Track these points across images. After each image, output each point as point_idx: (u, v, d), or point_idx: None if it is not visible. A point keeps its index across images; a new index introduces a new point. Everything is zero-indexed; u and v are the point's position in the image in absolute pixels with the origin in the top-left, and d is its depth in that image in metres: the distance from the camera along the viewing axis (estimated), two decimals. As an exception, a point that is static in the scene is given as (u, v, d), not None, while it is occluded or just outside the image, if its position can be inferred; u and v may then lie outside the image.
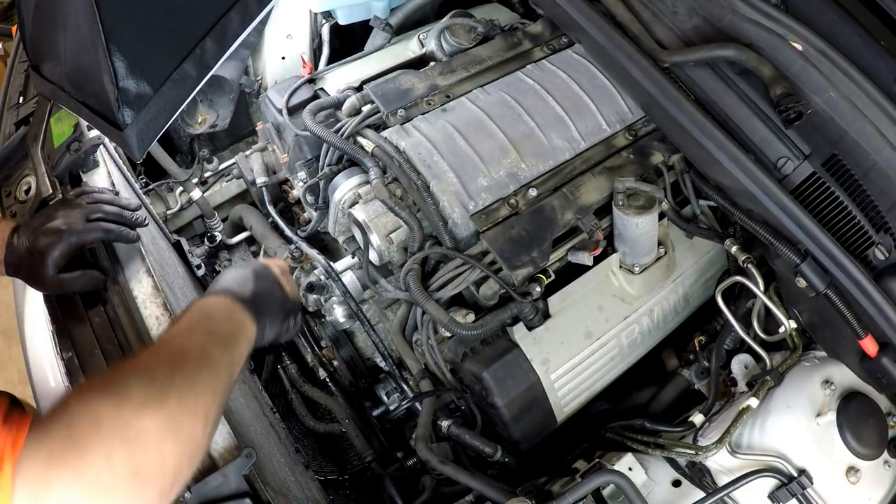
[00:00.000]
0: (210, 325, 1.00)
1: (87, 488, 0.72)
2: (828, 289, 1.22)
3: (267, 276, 1.18)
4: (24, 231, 1.25)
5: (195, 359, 0.91)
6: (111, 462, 0.74)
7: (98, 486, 0.73)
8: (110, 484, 0.74)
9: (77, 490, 0.72)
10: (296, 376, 1.72)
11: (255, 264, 1.20)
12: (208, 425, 0.87)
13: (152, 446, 0.77)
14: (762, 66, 1.29)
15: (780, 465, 1.24)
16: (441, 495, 1.43)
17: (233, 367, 0.97)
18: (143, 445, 0.76)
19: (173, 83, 1.24)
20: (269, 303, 1.14)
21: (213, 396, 0.89)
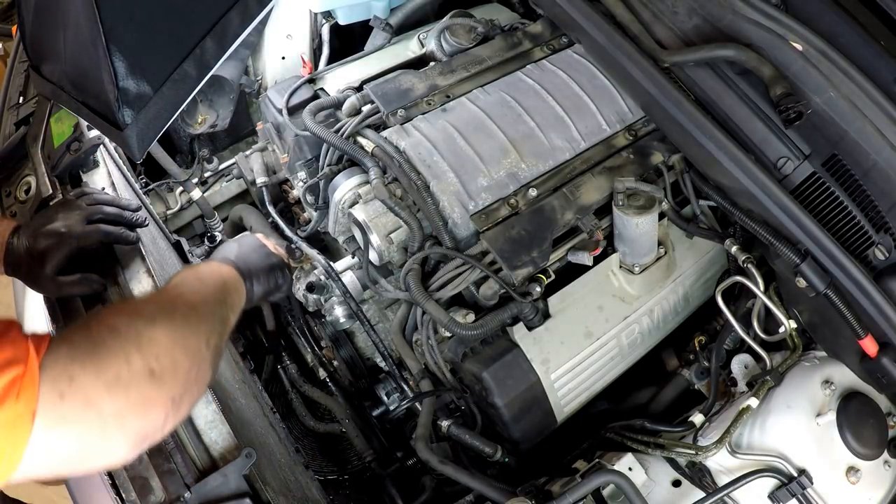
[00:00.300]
0: (201, 275, 1.09)
1: (108, 384, 0.79)
2: (828, 289, 1.22)
3: (248, 239, 1.29)
4: (24, 232, 1.25)
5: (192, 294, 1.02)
6: (129, 362, 0.81)
7: (118, 383, 0.80)
8: (129, 381, 0.81)
9: (100, 384, 0.78)
10: (296, 376, 1.73)
11: (238, 236, 1.32)
12: (209, 350, 0.94)
13: (164, 353, 0.85)
14: (762, 66, 1.29)
15: (780, 465, 1.24)
16: (441, 495, 1.43)
17: (227, 312, 1.06)
18: (155, 350, 0.84)
19: (173, 83, 1.24)
20: (252, 259, 1.23)
21: (212, 325, 0.98)
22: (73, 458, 0.79)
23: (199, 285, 1.05)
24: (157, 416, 0.84)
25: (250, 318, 1.83)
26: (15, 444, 0.72)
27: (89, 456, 0.80)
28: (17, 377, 0.72)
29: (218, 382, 1.27)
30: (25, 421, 0.72)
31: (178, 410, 0.88)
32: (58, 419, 0.75)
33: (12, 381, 0.71)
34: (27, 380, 0.73)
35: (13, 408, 0.71)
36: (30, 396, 0.73)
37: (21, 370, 0.73)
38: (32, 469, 0.75)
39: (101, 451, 0.81)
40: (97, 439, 0.79)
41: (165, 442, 1.11)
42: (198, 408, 1.19)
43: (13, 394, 0.71)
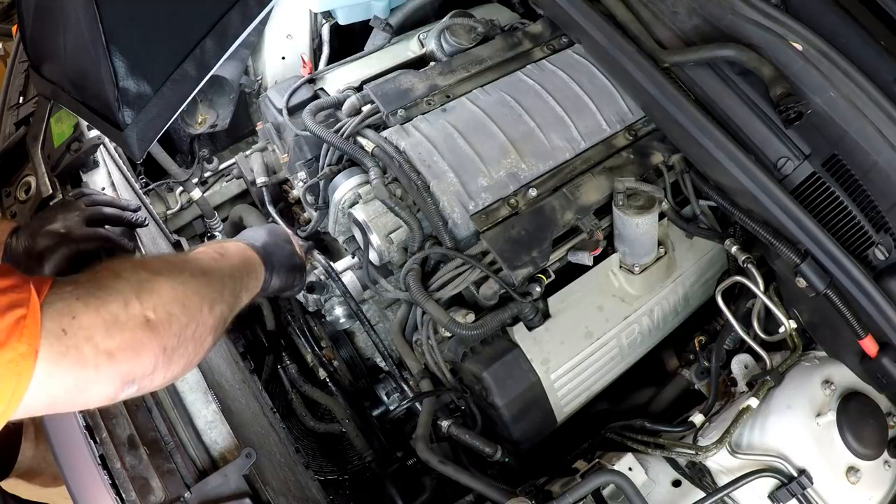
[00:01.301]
0: (225, 250, 1.13)
1: (106, 323, 0.83)
2: (828, 289, 1.22)
3: (279, 232, 1.34)
4: (24, 233, 1.25)
5: (207, 261, 1.06)
6: (127, 305, 0.86)
7: (115, 324, 0.84)
8: (125, 323, 0.85)
9: (99, 322, 0.83)
10: (296, 376, 1.72)
11: (270, 225, 1.36)
12: (212, 314, 0.98)
13: (161, 305, 0.90)
14: (762, 66, 1.29)
15: (780, 465, 1.24)
16: (441, 495, 1.43)
17: (240, 288, 1.10)
18: (154, 300, 0.89)
19: (173, 83, 1.24)
20: (278, 253, 1.27)
21: (219, 293, 1.01)
22: (68, 392, 0.82)
23: (217, 256, 1.09)
24: (146, 362, 0.88)
25: (250, 318, 1.83)
26: (19, 381, 0.75)
27: (81, 390, 0.84)
28: (20, 317, 0.75)
29: (218, 383, 1.28)
30: (28, 360, 0.76)
31: (169, 362, 0.91)
32: (59, 353, 0.79)
33: (16, 322, 0.75)
34: (30, 320, 0.76)
35: (16, 347, 0.74)
36: (32, 336, 0.76)
37: (24, 311, 0.76)
38: (31, 406, 0.79)
39: (91, 387, 0.84)
40: (91, 374, 0.83)
41: (165, 442, 1.12)
42: (198, 408, 1.19)
43: (16, 334, 0.74)
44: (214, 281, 1.02)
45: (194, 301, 0.95)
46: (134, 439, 1.11)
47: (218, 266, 1.07)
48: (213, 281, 1.02)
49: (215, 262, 1.08)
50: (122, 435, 1.12)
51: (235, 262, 1.13)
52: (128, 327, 0.85)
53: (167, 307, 0.90)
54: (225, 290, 1.03)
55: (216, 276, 1.03)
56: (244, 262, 1.16)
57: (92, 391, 0.85)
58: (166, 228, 1.81)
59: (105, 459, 1.11)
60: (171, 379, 0.95)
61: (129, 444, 1.11)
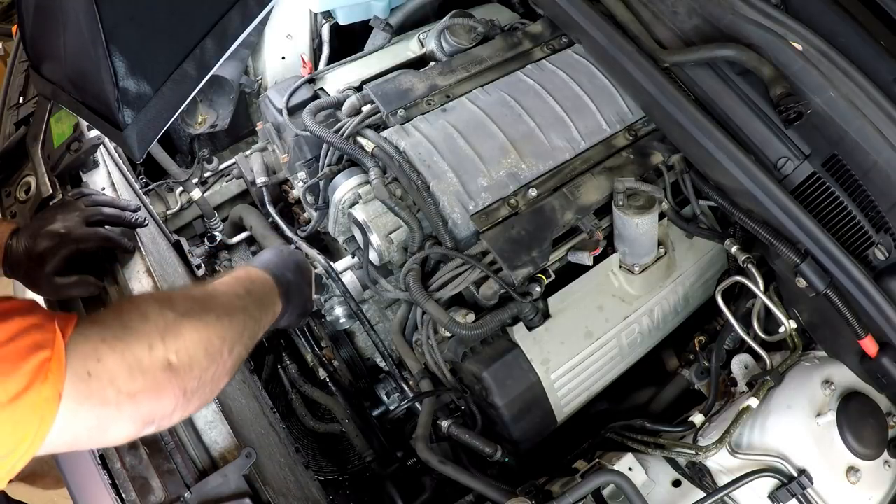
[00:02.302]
0: (251, 286, 1.14)
1: (130, 367, 0.84)
2: (828, 289, 1.22)
3: (304, 270, 1.35)
4: (24, 233, 1.25)
5: (232, 300, 1.07)
6: (151, 350, 0.87)
7: (138, 368, 0.85)
8: (148, 367, 0.86)
9: (124, 366, 0.84)
10: (296, 376, 1.72)
11: (299, 257, 1.36)
12: (231, 356, 0.99)
13: (185, 349, 0.91)
14: (762, 66, 1.29)
15: (780, 465, 1.24)
16: (441, 495, 1.43)
17: (258, 329, 1.10)
18: (178, 344, 0.90)
19: (173, 83, 1.24)
20: (298, 295, 1.29)
21: (240, 335, 1.02)
22: (90, 432, 0.83)
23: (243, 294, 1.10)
24: (167, 404, 0.89)
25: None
26: (41, 424, 0.75)
27: (103, 430, 0.85)
28: (45, 360, 0.75)
29: (218, 383, 1.27)
30: (52, 403, 0.76)
31: (187, 403, 0.92)
32: (84, 396, 0.80)
33: (41, 365, 0.75)
34: (54, 363, 0.76)
35: (41, 391, 0.74)
36: (57, 379, 0.76)
37: (49, 353, 0.76)
38: (53, 445, 0.79)
39: (113, 427, 0.85)
40: (113, 415, 0.84)
41: (165, 442, 1.12)
42: (198, 407, 1.19)
43: (41, 377, 0.74)
44: (237, 323, 1.03)
45: (216, 345, 0.96)
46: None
47: (242, 306, 1.07)
48: (236, 323, 1.03)
49: (240, 300, 1.08)
50: (122, 435, 1.12)
51: (258, 300, 1.13)
52: (150, 371, 0.86)
53: (190, 351, 0.91)
54: (245, 332, 1.05)
55: (239, 319, 1.04)
56: (266, 302, 1.17)
57: (113, 431, 0.86)
58: (166, 228, 1.82)
59: (105, 459, 1.11)
60: (187, 416, 0.97)
61: (128, 444, 1.11)
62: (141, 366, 0.85)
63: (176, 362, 0.89)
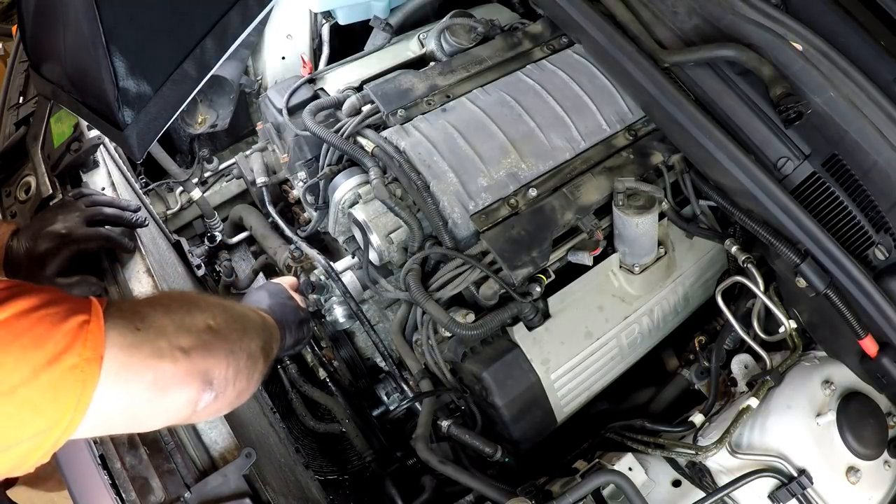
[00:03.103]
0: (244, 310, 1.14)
1: (176, 324, 0.84)
2: (828, 289, 1.22)
3: (280, 290, 1.36)
4: (24, 234, 1.25)
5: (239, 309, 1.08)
6: (191, 313, 0.89)
7: (183, 326, 0.85)
8: (191, 327, 0.87)
9: (170, 322, 0.84)
10: (296, 376, 1.72)
11: (267, 284, 1.39)
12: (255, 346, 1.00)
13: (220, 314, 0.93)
14: (762, 66, 1.29)
15: (780, 465, 1.24)
16: (441, 495, 1.43)
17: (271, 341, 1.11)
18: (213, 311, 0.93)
19: (173, 83, 1.24)
20: (286, 311, 1.29)
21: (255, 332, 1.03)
22: (148, 391, 0.80)
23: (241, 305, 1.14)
24: (220, 361, 0.88)
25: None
26: (84, 388, 0.72)
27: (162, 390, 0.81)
28: (83, 322, 0.73)
29: (218, 382, 1.27)
30: (94, 365, 0.73)
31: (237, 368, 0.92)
32: (135, 346, 0.77)
33: (79, 326, 0.72)
34: (93, 325, 0.74)
35: (81, 352, 0.71)
36: (97, 340, 0.74)
37: (86, 317, 0.74)
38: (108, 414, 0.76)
39: (172, 386, 0.82)
40: (169, 370, 0.81)
41: (165, 442, 1.12)
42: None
43: (81, 338, 0.72)
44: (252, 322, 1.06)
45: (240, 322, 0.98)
46: (134, 439, 1.11)
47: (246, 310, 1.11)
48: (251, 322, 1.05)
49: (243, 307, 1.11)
50: (122, 435, 1.12)
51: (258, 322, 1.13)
52: (195, 330, 0.87)
53: (225, 316, 0.93)
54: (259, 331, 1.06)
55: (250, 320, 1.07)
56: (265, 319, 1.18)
57: (173, 391, 0.83)
58: (166, 228, 1.82)
59: (105, 459, 1.11)
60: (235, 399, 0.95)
61: (128, 444, 1.11)
62: (185, 325, 0.85)
63: (216, 325, 0.90)
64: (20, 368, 0.67)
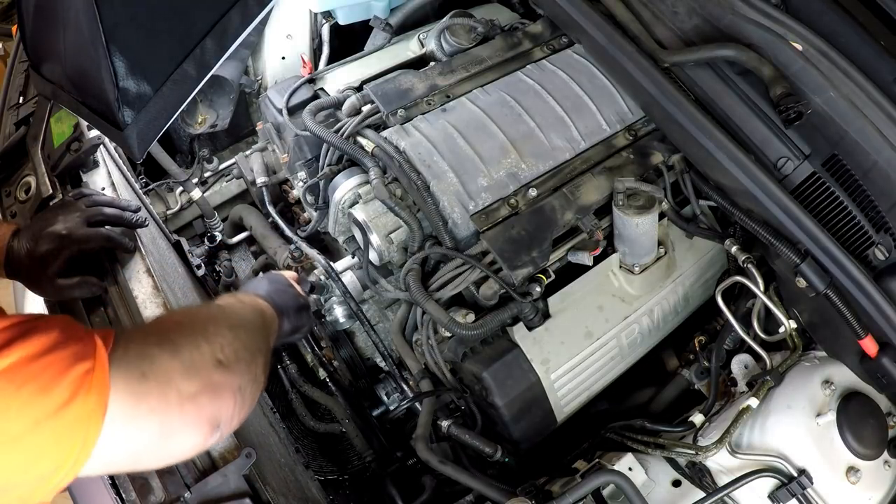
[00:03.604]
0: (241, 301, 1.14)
1: (184, 366, 0.82)
2: (828, 289, 1.22)
3: (279, 278, 1.35)
4: (25, 234, 1.25)
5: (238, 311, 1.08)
6: (199, 349, 0.86)
7: (192, 367, 0.83)
8: (200, 365, 0.85)
9: (177, 365, 0.81)
10: (296, 376, 1.72)
11: (268, 274, 1.38)
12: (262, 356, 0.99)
13: (228, 345, 0.90)
14: (762, 66, 1.29)
15: (780, 465, 1.24)
16: (441, 495, 1.43)
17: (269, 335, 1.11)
18: (220, 341, 0.89)
19: (173, 83, 1.24)
20: (284, 298, 1.27)
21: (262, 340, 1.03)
22: (152, 441, 0.79)
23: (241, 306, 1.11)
24: (227, 403, 0.87)
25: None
26: (87, 438, 0.71)
27: (167, 437, 0.81)
28: (87, 371, 0.71)
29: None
30: (96, 416, 0.71)
31: (243, 402, 0.91)
32: (141, 396, 0.76)
33: (83, 375, 0.71)
34: (98, 373, 0.72)
35: (85, 403, 0.70)
36: (101, 390, 0.72)
37: (90, 364, 0.72)
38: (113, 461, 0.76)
39: (178, 433, 0.82)
40: (176, 420, 0.80)
41: (165, 442, 1.11)
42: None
43: (84, 388, 0.70)
44: (254, 326, 1.05)
45: (249, 342, 0.96)
46: (134, 439, 1.11)
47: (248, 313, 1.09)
48: (254, 326, 1.04)
49: (244, 309, 1.10)
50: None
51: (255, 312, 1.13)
52: (204, 370, 0.85)
53: (233, 347, 0.91)
54: (260, 333, 1.05)
55: (253, 323, 1.06)
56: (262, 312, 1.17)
57: (178, 438, 0.82)
58: (166, 228, 1.82)
59: (105, 459, 1.11)
60: (241, 422, 0.94)
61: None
62: (195, 366, 0.83)
63: (224, 359, 0.88)
64: (24, 417, 0.67)
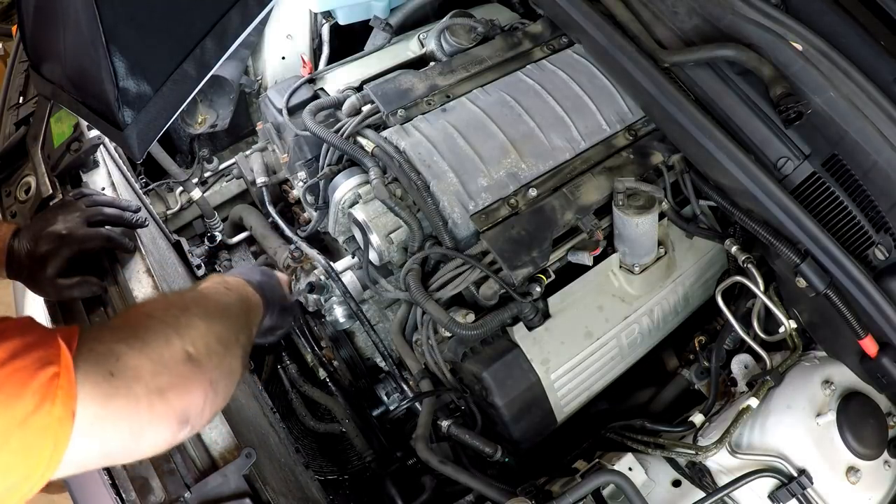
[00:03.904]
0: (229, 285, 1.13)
1: (153, 362, 0.81)
2: (828, 289, 1.22)
3: (272, 274, 1.35)
4: (25, 234, 1.25)
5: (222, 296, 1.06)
6: (169, 343, 0.84)
7: (161, 361, 0.82)
8: (169, 361, 0.83)
9: (146, 361, 0.80)
10: (296, 376, 1.72)
11: (263, 267, 1.40)
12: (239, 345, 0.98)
13: (200, 337, 0.88)
14: (762, 66, 1.29)
15: (780, 465, 1.24)
16: (441, 495, 1.43)
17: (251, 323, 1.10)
18: (192, 334, 0.88)
19: (173, 83, 1.25)
20: (272, 292, 1.27)
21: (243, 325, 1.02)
22: (123, 440, 0.79)
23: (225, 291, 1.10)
24: (197, 397, 0.86)
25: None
26: (56, 447, 0.70)
27: (136, 435, 0.80)
28: (52, 376, 0.70)
29: (218, 382, 1.27)
30: (65, 424, 0.70)
31: (215, 396, 0.90)
32: (109, 396, 0.75)
33: (48, 382, 0.69)
34: (63, 379, 0.70)
35: (51, 411, 0.69)
36: (68, 395, 0.71)
37: (56, 369, 0.70)
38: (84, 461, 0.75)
39: (147, 430, 0.81)
40: (145, 417, 0.79)
41: (165, 442, 1.11)
42: (198, 408, 1.19)
43: (50, 396, 0.69)
44: (234, 314, 1.03)
45: (225, 333, 0.94)
46: (134, 439, 1.11)
47: (231, 300, 1.08)
48: (234, 314, 1.03)
49: (227, 296, 1.08)
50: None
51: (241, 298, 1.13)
52: (173, 365, 0.83)
53: (205, 340, 0.89)
54: (241, 321, 1.04)
55: (234, 310, 1.04)
56: (248, 297, 1.16)
57: (148, 435, 0.82)
58: (166, 228, 1.82)
59: (105, 459, 1.11)
60: (215, 414, 0.93)
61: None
62: (163, 360, 0.82)
63: (195, 353, 0.86)
64: None
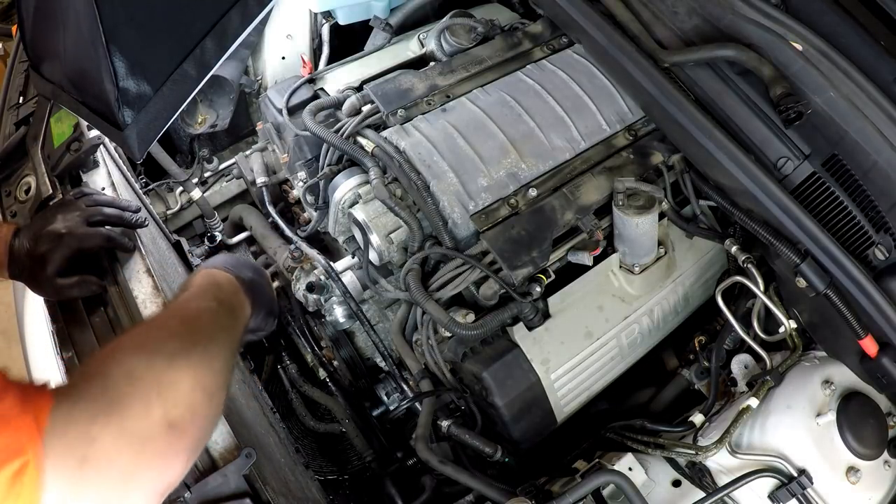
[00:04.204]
0: (219, 293, 1.09)
1: (130, 441, 0.75)
2: (828, 289, 1.22)
3: (262, 271, 1.31)
4: (25, 234, 1.25)
5: (210, 320, 1.00)
6: (149, 412, 0.77)
7: (138, 438, 0.76)
8: (149, 435, 0.77)
9: (123, 442, 0.74)
10: (296, 376, 1.72)
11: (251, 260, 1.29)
12: (223, 386, 0.93)
13: (183, 398, 0.82)
14: (762, 66, 1.29)
15: (780, 465, 1.24)
16: (441, 495, 1.43)
17: (236, 340, 1.06)
18: (175, 397, 0.81)
19: (173, 83, 1.25)
20: (261, 293, 1.23)
21: (226, 356, 0.96)
22: None
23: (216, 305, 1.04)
24: (176, 470, 0.81)
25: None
26: None
27: None
28: (17, 472, 0.65)
29: (218, 383, 1.27)
30: None
31: (195, 452, 0.85)
32: (79, 485, 0.70)
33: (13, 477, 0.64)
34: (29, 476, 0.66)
35: None
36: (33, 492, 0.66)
37: (23, 460, 0.65)
38: None
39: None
40: (120, 499, 0.75)
41: (165, 442, 1.11)
42: (198, 408, 1.19)
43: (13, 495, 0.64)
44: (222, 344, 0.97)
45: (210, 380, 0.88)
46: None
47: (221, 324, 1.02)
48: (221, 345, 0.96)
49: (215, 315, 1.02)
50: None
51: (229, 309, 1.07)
52: (153, 437, 0.77)
53: (188, 399, 0.82)
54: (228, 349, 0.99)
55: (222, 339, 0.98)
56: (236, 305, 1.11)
57: None
58: (166, 228, 1.82)
59: (105, 460, 1.11)
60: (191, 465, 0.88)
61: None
62: (142, 435, 0.76)
63: (178, 418, 0.79)
64: None
